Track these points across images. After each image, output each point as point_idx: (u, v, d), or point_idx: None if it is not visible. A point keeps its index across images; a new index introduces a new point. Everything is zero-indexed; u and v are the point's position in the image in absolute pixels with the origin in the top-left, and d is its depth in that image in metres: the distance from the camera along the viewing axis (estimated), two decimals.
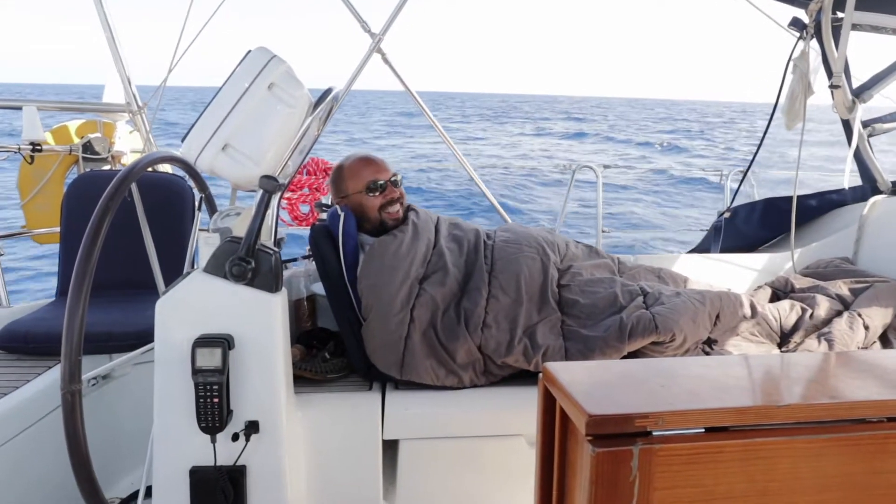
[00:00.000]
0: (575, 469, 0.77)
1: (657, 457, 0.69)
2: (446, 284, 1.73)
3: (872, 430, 0.75)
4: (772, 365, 0.94)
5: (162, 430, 1.39)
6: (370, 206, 1.83)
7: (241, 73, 1.47)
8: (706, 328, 1.73)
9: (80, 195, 2.55)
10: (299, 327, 1.88)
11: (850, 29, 2.15)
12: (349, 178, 1.85)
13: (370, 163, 1.87)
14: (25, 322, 2.13)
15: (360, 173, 1.85)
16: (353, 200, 1.84)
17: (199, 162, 1.47)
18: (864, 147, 2.48)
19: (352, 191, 1.84)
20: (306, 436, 1.55)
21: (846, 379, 0.89)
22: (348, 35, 21.62)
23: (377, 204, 1.84)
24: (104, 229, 1.37)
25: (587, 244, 2.13)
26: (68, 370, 1.29)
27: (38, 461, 1.80)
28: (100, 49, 2.99)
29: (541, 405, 0.85)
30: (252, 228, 1.38)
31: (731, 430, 0.72)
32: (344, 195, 1.86)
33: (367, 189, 1.82)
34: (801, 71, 2.30)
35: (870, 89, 2.40)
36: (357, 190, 1.83)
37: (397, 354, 1.64)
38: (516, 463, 1.59)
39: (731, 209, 2.79)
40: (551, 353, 1.65)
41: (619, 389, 0.78)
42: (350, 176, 1.86)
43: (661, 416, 0.70)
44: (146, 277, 2.36)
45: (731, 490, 0.71)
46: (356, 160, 1.89)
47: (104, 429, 1.98)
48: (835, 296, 2.00)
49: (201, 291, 1.38)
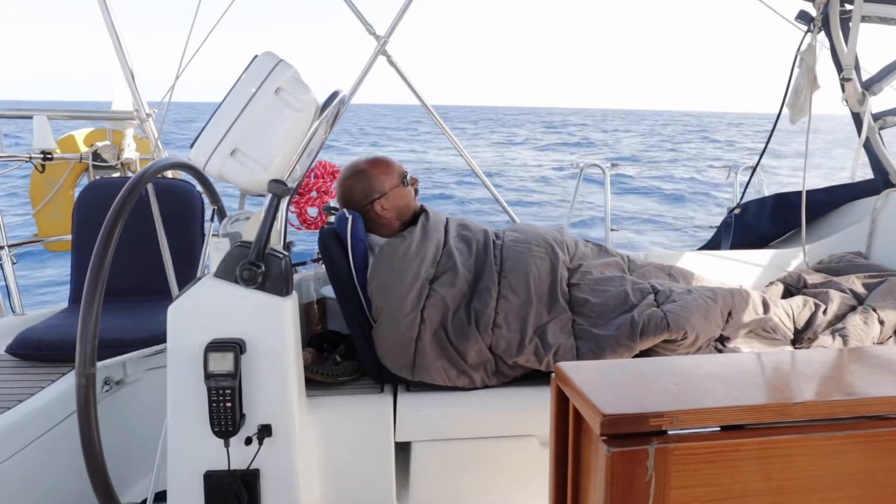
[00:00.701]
0: (590, 469, 0.76)
1: (673, 456, 0.69)
2: (456, 285, 1.73)
3: (891, 427, 0.74)
4: (786, 362, 0.93)
5: (175, 434, 1.39)
6: (410, 198, 1.90)
7: (248, 79, 1.48)
8: (718, 325, 1.72)
9: (90, 203, 2.57)
10: (310, 330, 1.88)
11: (860, 21, 2.13)
12: (382, 176, 1.86)
13: (387, 159, 1.92)
14: (38, 329, 2.15)
15: (392, 167, 1.89)
16: (394, 196, 1.85)
17: (208, 167, 1.48)
18: (874, 140, 2.46)
19: (389, 186, 1.85)
20: (319, 439, 1.55)
21: (862, 375, 0.88)
22: (352, 43, 21.28)
23: (412, 195, 1.91)
24: (116, 235, 1.38)
25: (597, 243, 2.12)
26: (85, 355, 1.30)
27: (53, 468, 1.81)
28: (108, 61, 3.01)
29: (554, 405, 0.85)
30: (262, 233, 1.38)
31: (747, 428, 0.72)
32: (380, 194, 1.85)
33: (402, 180, 1.87)
34: (807, 65, 2.28)
35: (879, 81, 2.37)
36: (394, 185, 1.86)
37: (408, 356, 1.64)
38: (529, 463, 1.58)
39: (741, 205, 2.77)
40: (562, 352, 1.64)
41: (632, 389, 0.78)
42: (381, 174, 1.86)
43: (676, 415, 0.69)
44: (157, 283, 2.38)
45: (748, 488, 0.71)
46: (374, 160, 1.90)
47: (118, 434, 2.00)
48: (848, 291, 1.98)
49: (212, 296, 1.39)
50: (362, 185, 1.85)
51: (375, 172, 1.86)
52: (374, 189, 1.84)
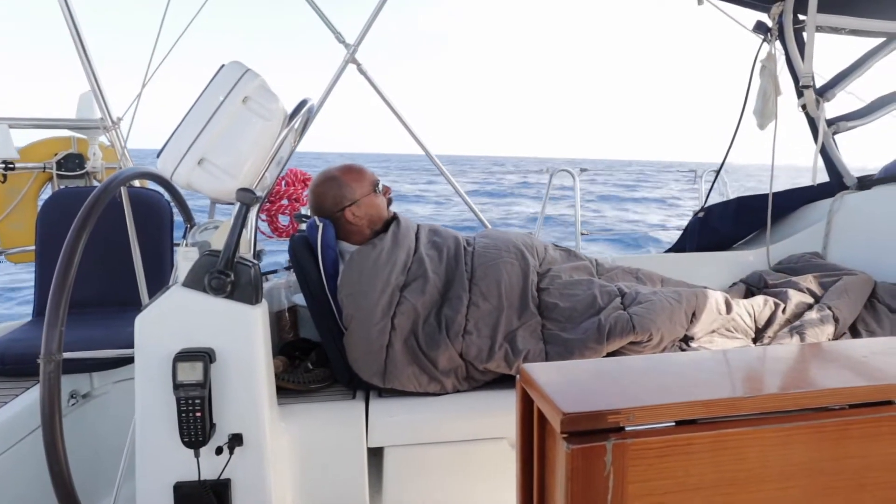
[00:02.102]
0: (553, 467, 0.79)
1: (630, 451, 0.71)
2: (426, 292, 1.74)
3: (835, 418, 0.78)
4: (741, 358, 0.97)
5: (144, 445, 1.38)
6: (381, 206, 1.90)
7: (214, 88, 1.48)
8: (683, 326, 1.77)
9: (55, 213, 2.52)
10: (281, 338, 1.88)
11: (814, 31, 2.22)
12: (354, 184, 1.87)
13: (360, 167, 1.93)
14: (1, 343, 2.10)
15: (364, 175, 1.90)
16: (365, 204, 1.86)
17: (176, 177, 1.47)
18: (829, 144, 2.56)
19: (360, 194, 1.86)
20: (291, 447, 1.55)
21: (813, 369, 0.92)
22: (320, 58, 20.95)
23: (385, 204, 1.91)
24: (82, 244, 1.36)
25: (565, 247, 2.16)
26: (52, 339, 1.28)
27: (16, 484, 1.77)
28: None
29: (519, 406, 0.87)
30: (230, 241, 1.38)
31: (700, 422, 0.75)
32: (351, 202, 1.85)
33: (374, 189, 1.88)
34: (769, 71, 2.36)
35: (833, 88, 2.47)
36: (366, 193, 1.87)
37: (379, 363, 1.65)
38: (500, 465, 1.61)
39: (705, 208, 2.85)
40: (532, 357, 1.67)
41: (592, 387, 0.80)
42: (353, 181, 1.87)
43: (632, 412, 0.72)
44: (124, 294, 2.34)
45: (702, 480, 0.74)
46: (346, 168, 1.92)
47: (85, 448, 1.96)
48: (805, 290, 2.05)
49: (181, 306, 1.38)
50: (334, 193, 1.86)
51: (347, 180, 1.87)
52: (345, 196, 1.85)
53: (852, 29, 2.33)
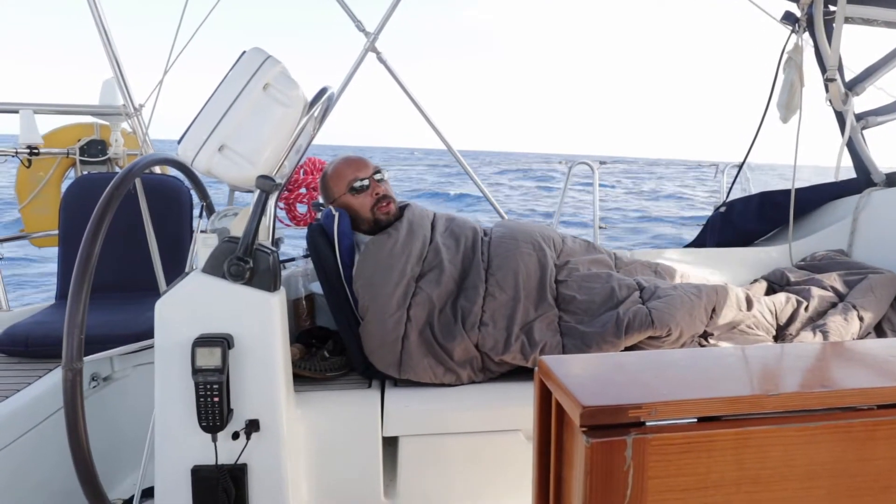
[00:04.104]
0: (571, 460, 0.78)
1: (651, 446, 0.70)
2: (442, 283, 1.74)
3: (862, 418, 0.76)
4: (764, 356, 0.95)
5: (163, 429, 1.40)
6: (360, 206, 1.84)
7: (236, 75, 1.48)
8: (702, 322, 1.75)
9: (78, 198, 2.56)
10: (298, 326, 1.89)
11: (843, 22, 2.16)
12: (333, 182, 1.86)
13: (350, 163, 1.87)
14: (25, 325, 2.14)
15: (342, 175, 1.85)
16: (342, 203, 1.84)
17: (196, 163, 1.48)
18: (857, 139, 2.50)
19: (337, 194, 1.85)
20: (307, 434, 1.56)
21: (837, 368, 0.90)
22: (342, 51, 20.91)
23: (367, 204, 1.84)
24: (104, 230, 1.38)
25: (585, 239, 2.14)
26: (72, 348, 1.31)
27: (40, 464, 1.81)
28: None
29: (537, 398, 0.86)
30: (249, 228, 1.39)
31: (724, 419, 0.73)
32: (332, 200, 1.86)
33: (350, 190, 1.83)
34: (796, 63, 2.31)
35: (862, 82, 2.41)
36: (342, 192, 1.84)
37: (395, 354, 1.65)
38: (515, 457, 1.60)
39: (727, 203, 2.80)
40: (548, 349, 1.66)
41: (612, 381, 0.79)
42: (333, 180, 1.86)
43: (654, 407, 0.71)
44: (144, 279, 2.37)
45: (724, 478, 0.73)
46: (337, 163, 1.90)
47: (105, 431, 1.99)
48: (829, 288, 2.01)
49: (200, 291, 1.39)
50: (323, 189, 1.92)
51: (330, 179, 1.88)
52: (327, 195, 1.89)
53: (886, 21, 2.27)
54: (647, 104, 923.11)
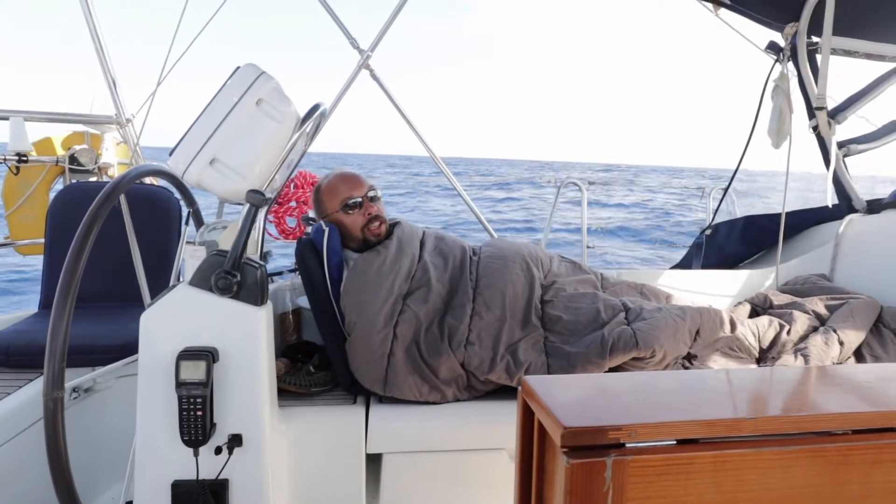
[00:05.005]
0: (552, 480, 0.78)
1: (630, 468, 0.71)
2: (429, 301, 1.74)
3: (837, 443, 0.77)
4: (744, 379, 0.97)
5: (144, 443, 1.38)
6: (351, 224, 1.84)
7: (229, 89, 1.49)
8: (686, 343, 1.76)
9: (65, 207, 2.54)
10: (284, 340, 1.88)
11: (829, 54, 2.22)
12: (326, 198, 1.87)
13: (345, 180, 1.87)
14: (6, 334, 2.12)
15: (336, 192, 1.85)
16: (334, 220, 1.85)
17: (187, 176, 1.48)
18: (839, 167, 2.55)
19: (330, 210, 1.85)
20: (290, 449, 1.55)
21: (816, 393, 0.91)
22: (335, 66, 21.02)
23: (359, 222, 1.84)
24: (91, 241, 1.37)
25: (571, 260, 2.16)
26: (52, 376, 1.29)
27: (19, 474, 1.78)
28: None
29: (520, 418, 0.87)
30: (238, 242, 1.39)
31: (702, 441, 0.75)
32: (324, 215, 1.87)
33: (343, 207, 1.83)
34: (783, 91, 2.36)
35: (844, 111, 2.47)
36: (335, 209, 1.85)
37: (380, 371, 1.65)
38: (498, 476, 1.60)
39: (713, 226, 2.84)
40: (533, 369, 1.67)
41: (594, 402, 0.80)
42: (327, 195, 1.87)
43: (633, 429, 0.72)
44: (130, 290, 2.36)
45: (701, 500, 0.73)
46: (332, 178, 1.90)
47: (86, 442, 1.97)
48: (811, 312, 2.04)
49: (186, 304, 1.39)
50: (316, 203, 1.92)
51: (324, 194, 1.88)
52: (320, 210, 1.90)
53: (867, 52, 2.33)
54: (646, 109, 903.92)
